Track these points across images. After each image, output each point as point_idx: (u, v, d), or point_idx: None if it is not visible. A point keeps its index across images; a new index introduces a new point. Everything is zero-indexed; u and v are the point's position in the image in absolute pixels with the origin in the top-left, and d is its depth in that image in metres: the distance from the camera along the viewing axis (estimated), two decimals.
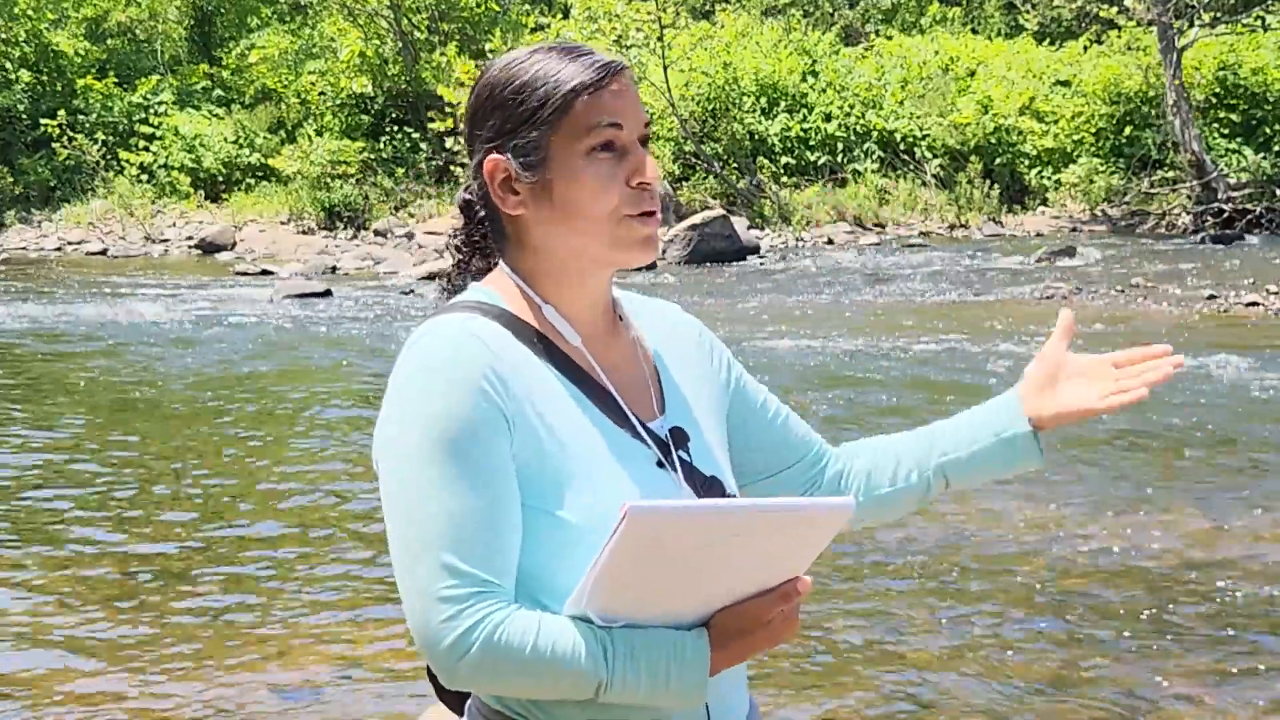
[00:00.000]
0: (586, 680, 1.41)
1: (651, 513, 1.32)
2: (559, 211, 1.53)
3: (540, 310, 1.56)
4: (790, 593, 1.45)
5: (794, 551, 1.44)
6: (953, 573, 5.49)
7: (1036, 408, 1.73)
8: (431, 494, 1.43)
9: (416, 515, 1.43)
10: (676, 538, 1.35)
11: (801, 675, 4.48)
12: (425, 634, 1.42)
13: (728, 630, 1.46)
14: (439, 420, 1.43)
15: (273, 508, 6.64)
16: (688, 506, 1.39)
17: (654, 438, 1.57)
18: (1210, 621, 4.90)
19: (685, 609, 1.45)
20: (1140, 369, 1.70)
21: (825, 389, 9.42)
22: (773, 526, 1.40)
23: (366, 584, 5.43)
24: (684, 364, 1.69)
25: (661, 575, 1.39)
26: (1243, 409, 8.50)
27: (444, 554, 1.42)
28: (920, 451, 1.78)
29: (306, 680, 4.47)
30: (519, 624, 1.41)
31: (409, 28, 28.81)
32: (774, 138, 25.69)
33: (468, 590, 1.41)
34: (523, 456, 1.46)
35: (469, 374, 1.45)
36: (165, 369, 10.94)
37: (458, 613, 1.40)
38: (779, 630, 1.47)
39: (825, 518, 1.43)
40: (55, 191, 27.66)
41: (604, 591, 1.39)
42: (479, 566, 1.42)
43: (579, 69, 1.51)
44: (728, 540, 1.37)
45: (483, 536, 1.42)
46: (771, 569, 1.44)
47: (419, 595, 1.43)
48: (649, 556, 1.35)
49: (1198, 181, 22.41)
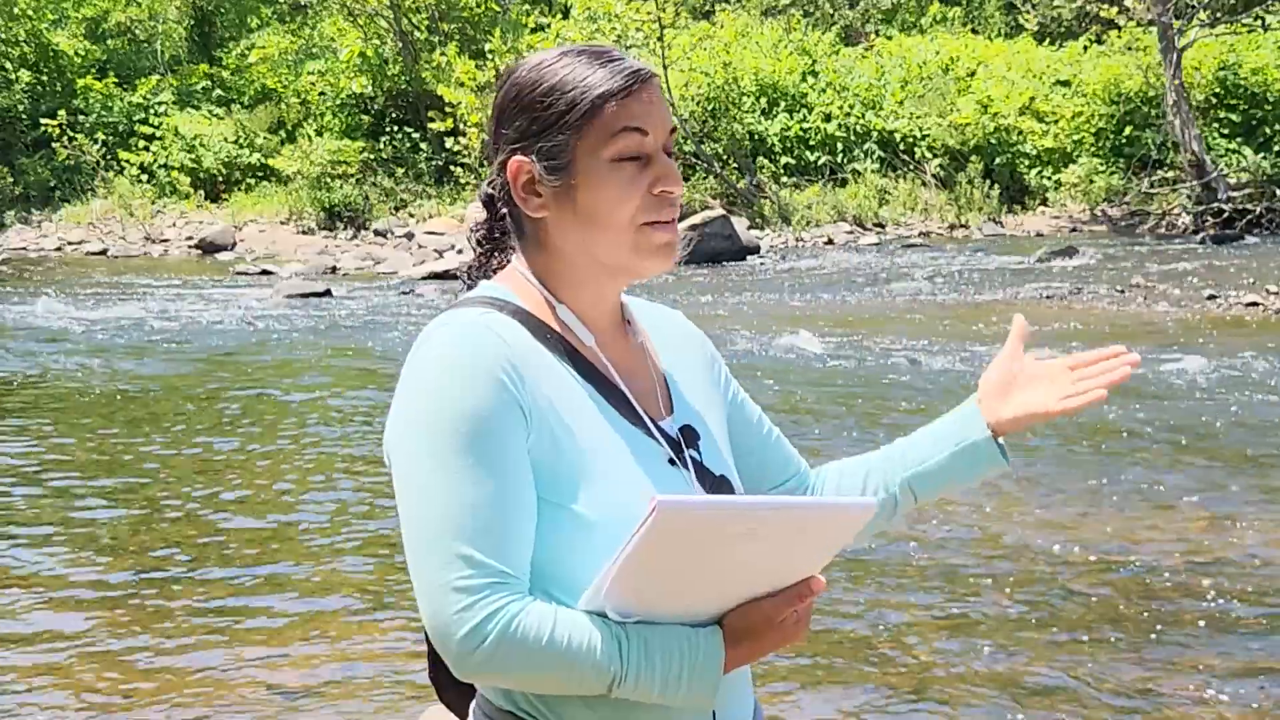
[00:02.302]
0: (600, 674, 1.41)
1: (680, 507, 1.33)
2: (581, 216, 1.54)
3: (554, 309, 1.58)
4: (804, 593, 1.46)
5: (811, 551, 1.45)
6: (953, 572, 5.49)
7: (994, 413, 1.74)
8: (448, 484, 1.43)
9: (432, 505, 1.43)
10: (701, 533, 1.36)
11: (802, 675, 4.48)
12: (439, 624, 1.42)
13: (740, 629, 1.46)
14: (456, 411, 1.44)
15: (273, 507, 6.64)
16: (716, 501, 1.41)
17: (665, 436, 1.58)
18: (1210, 621, 4.90)
19: (701, 606, 1.46)
20: (1099, 369, 1.71)
21: (826, 389, 9.41)
22: (795, 525, 1.41)
23: (367, 584, 5.43)
24: (689, 370, 1.71)
25: (681, 571, 1.40)
26: (1243, 409, 8.49)
27: (460, 544, 1.41)
28: (887, 468, 1.79)
29: (306, 680, 4.47)
30: (535, 616, 1.41)
31: (409, 28, 28.80)
32: (774, 138, 25.68)
33: (484, 581, 1.41)
34: (538, 449, 1.47)
35: (487, 366, 1.46)
36: (165, 369, 10.94)
37: (473, 603, 1.40)
38: (790, 631, 1.48)
39: (847, 518, 1.44)
40: (55, 191, 27.63)
41: (623, 585, 1.39)
42: (495, 557, 1.42)
43: (607, 75, 1.52)
44: (748, 537, 1.38)
45: (499, 527, 1.43)
46: (787, 568, 1.45)
47: (434, 585, 1.42)
48: (672, 551, 1.36)
49: (1198, 181, 22.40)
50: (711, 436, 1.65)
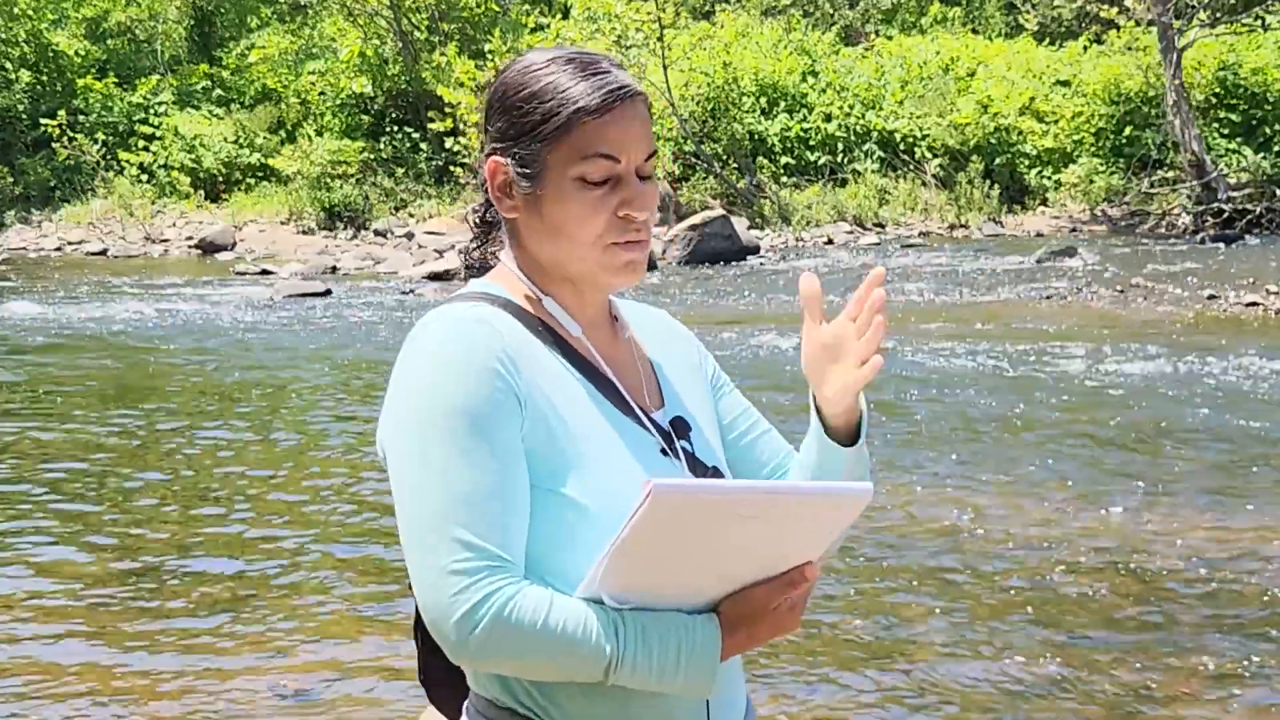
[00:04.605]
0: (597, 659, 1.41)
1: (675, 490, 1.33)
2: (547, 226, 1.54)
3: (540, 302, 1.59)
4: (796, 580, 1.46)
5: (806, 537, 1.45)
6: (953, 572, 5.49)
7: (824, 399, 1.61)
8: (443, 473, 1.43)
9: (428, 493, 1.44)
10: (697, 517, 1.36)
11: (799, 674, 4.48)
12: (436, 608, 1.41)
13: (735, 617, 1.46)
14: (450, 404, 1.44)
15: (272, 507, 6.64)
16: (711, 485, 1.41)
17: (657, 427, 1.59)
18: (1210, 621, 4.89)
19: (696, 593, 1.46)
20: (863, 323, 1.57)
21: None
22: (791, 510, 1.41)
23: (366, 583, 5.43)
24: (678, 364, 1.72)
25: (676, 556, 1.40)
26: (1243, 409, 8.49)
27: (456, 529, 1.42)
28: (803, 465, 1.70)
29: (306, 680, 4.47)
30: (531, 599, 1.41)
31: (409, 28, 28.80)
32: (774, 138, 25.68)
33: (480, 564, 1.41)
34: (533, 437, 1.48)
35: (482, 354, 1.46)
36: (164, 369, 10.94)
37: (469, 585, 1.40)
38: (784, 620, 1.48)
39: (843, 503, 1.43)
40: (55, 191, 27.64)
41: (619, 570, 1.39)
42: (491, 541, 1.42)
43: (587, 90, 1.51)
44: (745, 522, 1.38)
45: (494, 512, 1.43)
46: (782, 554, 1.45)
47: (430, 570, 1.42)
48: (667, 535, 1.36)
49: (1198, 181, 22.39)
50: (702, 429, 1.65)
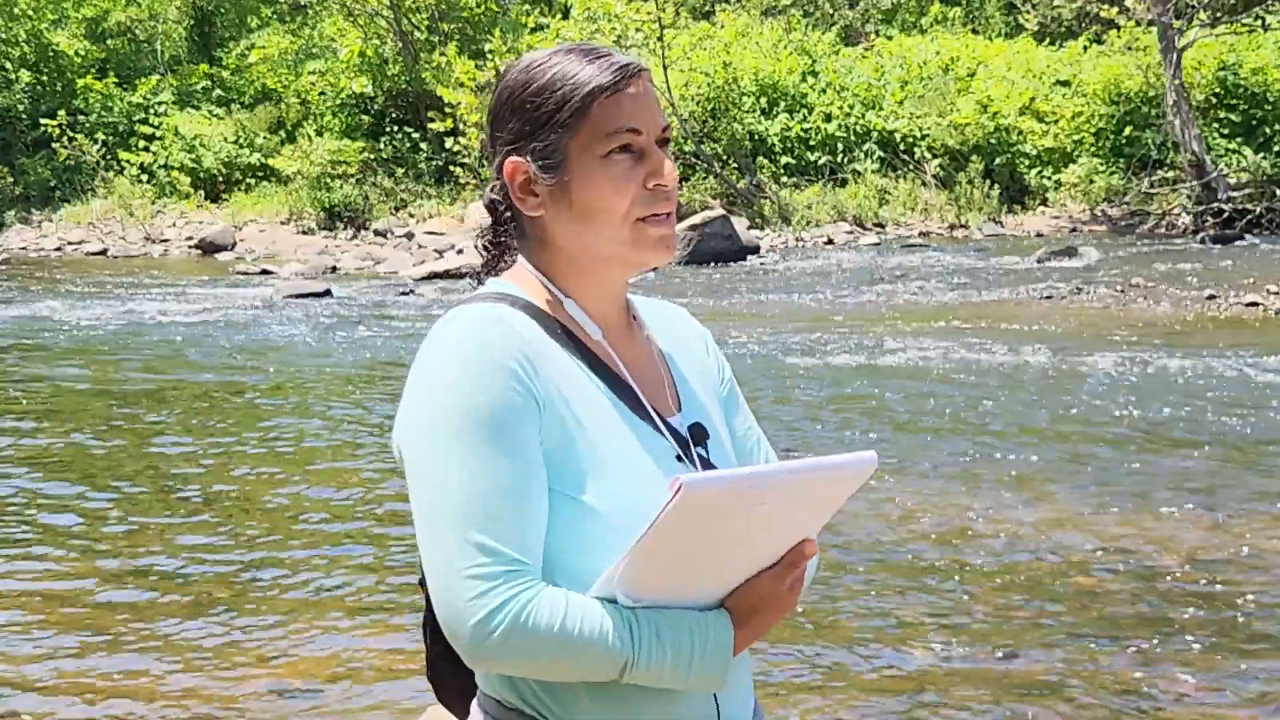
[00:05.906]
0: (612, 659, 1.42)
1: (703, 485, 1.35)
2: (577, 213, 1.55)
3: (561, 304, 1.59)
4: (797, 559, 1.48)
5: (811, 514, 1.48)
6: (953, 572, 5.49)
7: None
8: (461, 475, 1.43)
9: (446, 495, 1.44)
10: (721, 509, 1.37)
11: (801, 675, 4.48)
12: (453, 612, 1.42)
13: (743, 609, 1.48)
14: (469, 404, 1.44)
15: (272, 507, 6.64)
16: (735, 475, 1.42)
17: (673, 433, 1.59)
18: (1210, 621, 4.90)
19: (709, 588, 1.47)
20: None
21: (825, 389, 9.42)
22: (806, 487, 1.43)
23: (367, 583, 5.43)
24: (694, 367, 1.72)
25: (697, 552, 1.41)
26: (1243, 409, 8.49)
27: (473, 532, 1.42)
28: None
29: (306, 680, 4.47)
30: (547, 603, 1.41)
31: (409, 28, 28.80)
32: (774, 138, 25.68)
33: (498, 568, 1.41)
34: (551, 440, 1.48)
35: (501, 356, 1.46)
36: (165, 369, 10.94)
37: (486, 590, 1.40)
38: (785, 599, 1.50)
39: (853, 473, 1.46)
40: (55, 191, 27.64)
41: (640, 569, 1.40)
42: (509, 545, 1.42)
43: (596, 71, 1.53)
44: (763, 508, 1.40)
45: (512, 516, 1.43)
46: (788, 535, 1.47)
47: (447, 572, 1.42)
48: (691, 531, 1.37)
49: (1198, 181, 22.39)
50: (719, 435, 1.66)
